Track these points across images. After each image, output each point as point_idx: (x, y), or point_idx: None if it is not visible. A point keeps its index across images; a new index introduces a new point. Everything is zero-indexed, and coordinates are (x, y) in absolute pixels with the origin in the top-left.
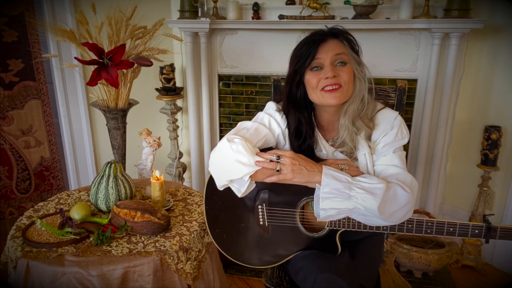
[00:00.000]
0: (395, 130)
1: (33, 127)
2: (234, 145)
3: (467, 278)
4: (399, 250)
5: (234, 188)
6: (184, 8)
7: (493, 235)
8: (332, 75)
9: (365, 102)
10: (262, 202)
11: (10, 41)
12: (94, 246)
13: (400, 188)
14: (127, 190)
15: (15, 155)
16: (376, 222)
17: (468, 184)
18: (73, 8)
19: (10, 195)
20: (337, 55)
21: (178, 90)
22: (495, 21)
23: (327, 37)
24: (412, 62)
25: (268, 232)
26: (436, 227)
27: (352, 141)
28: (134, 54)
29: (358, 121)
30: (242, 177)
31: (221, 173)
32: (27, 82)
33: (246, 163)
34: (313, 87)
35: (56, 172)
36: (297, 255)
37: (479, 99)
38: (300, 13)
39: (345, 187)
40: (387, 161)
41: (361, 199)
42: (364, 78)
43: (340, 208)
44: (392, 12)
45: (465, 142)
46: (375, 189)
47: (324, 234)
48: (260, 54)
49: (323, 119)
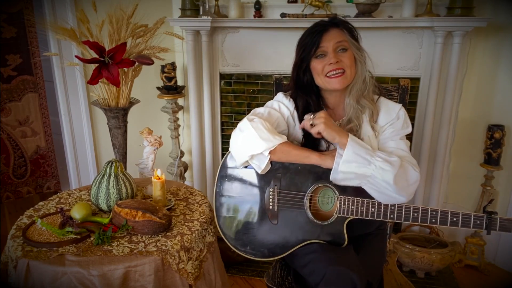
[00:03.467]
0: (401, 120)
1: (30, 118)
2: (254, 123)
3: (470, 277)
4: (401, 249)
5: (254, 165)
6: (185, 6)
7: (493, 226)
8: (335, 61)
9: (367, 83)
10: (274, 185)
11: (8, 37)
12: (95, 246)
13: (411, 166)
14: (128, 189)
15: (12, 144)
16: (387, 195)
17: (471, 183)
18: (73, 6)
19: (7, 180)
20: (339, 43)
21: (179, 89)
22: (498, 19)
23: (328, 26)
24: (414, 60)
25: (277, 217)
26: (441, 216)
27: (357, 119)
28: (135, 52)
29: (362, 100)
30: (263, 152)
31: (243, 150)
32: (24, 76)
33: (266, 138)
34: (319, 73)
35: (51, 161)
36: (305, 248)
37: (482, 98)
38: (302, 11)
39: (367, 153)
40: (394, 145)
41: (379, 167)
42: (364, 61)
43: (358, 173)
44: (394, 10)
45: (468, 141)
46: (392, 161)
47: (332, 222)
48: (262, 52)
49: (329, 101)
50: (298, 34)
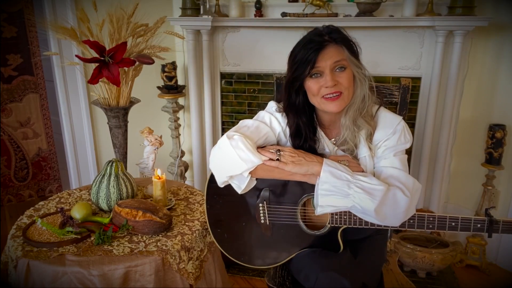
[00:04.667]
0: (398, 135)
1: (31, 119)
2: (233, 141)
3: (471, 277)
4: (402, 249)
5: (234, 185)
6: (186, 6)
7: (495, 229)
8: (332, 84)
9: (366, 101)
10: (262, 200)
11: (9, 37)
12: (95, 246)
13: (400, 192)
14: (128, 189)
15: (13, 146)
16: (374, 222)
17: (472, 183)
18: (74, 5)
19: (8, 183)
20: (337, 62)
21: (180, 88)
22: (500, 18)
23: (325, 43)
24: (416, 60)
25: (269, 230)
26: (438, 221)
27: (353, 139)
28: (136, 52)
29: (359, 119)
30: (242, 173)
31: (221, 170)
32: (25, 77)
33: (246, 159)
34: (314, 93)
35: (53, 163)
36: (299, 254)
37: (483, 97)
38: (303, 10)
39: (343, 185)
40: (387, 164)
41: (358, 198)
42: (364, 78)
43: (337, 206)
44: (395, 10)
45: (469, 140)
46: (374, 190)
47: (325, 231)
48: (263, 52)
49: (324, 119)
50: (299, 34)
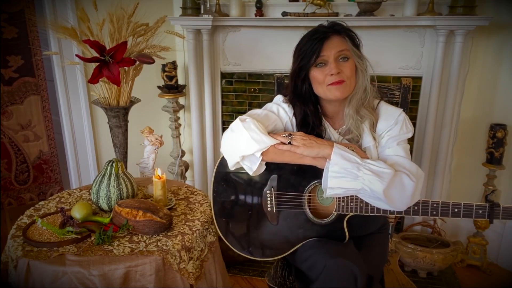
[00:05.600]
0: (400, 125)
1: (32, 122)
2: (246, 124)
3: (472, 277)
4: (403, 249)
5: (245, 166)
6: (186, 5)
7: (496, 214)
8: (337, 71)
9: (367, 92)
10: (270, 187)
11: (10, 38)
12: (96, 246)
13: (406, 177)
14: (128, 189)
15: (14, 148)
16: (381, 206)
17: (473, 183)
18: (74, 5)
19: (9, 186)
20: (340, 52)
21: (180, 88)
22: (501, 18)
23: (329, 33)
24: (416, 59)
25: (276, 219)
26: (442, 208)
27: (357, 129)
28: (136, 51)
29: (362, 110)
30: (254, 153)
31: (233, 151)
32: (26, 78)
33: (258, 139)
34: (320, 82)
35: (54, 166)
36: (305, 243)
37: (484, 97)
38: (303, 10)
39: (353, 167)
40: (392, 152)
41: (368, 180)
42: (365, 70)
43: (347, 188)
44: (396, 9)
45: (470, 140)
46: (382, 173)
47: (332, 220)
48: (263, 51)
49: (329, 110)
50: (299, 33)
